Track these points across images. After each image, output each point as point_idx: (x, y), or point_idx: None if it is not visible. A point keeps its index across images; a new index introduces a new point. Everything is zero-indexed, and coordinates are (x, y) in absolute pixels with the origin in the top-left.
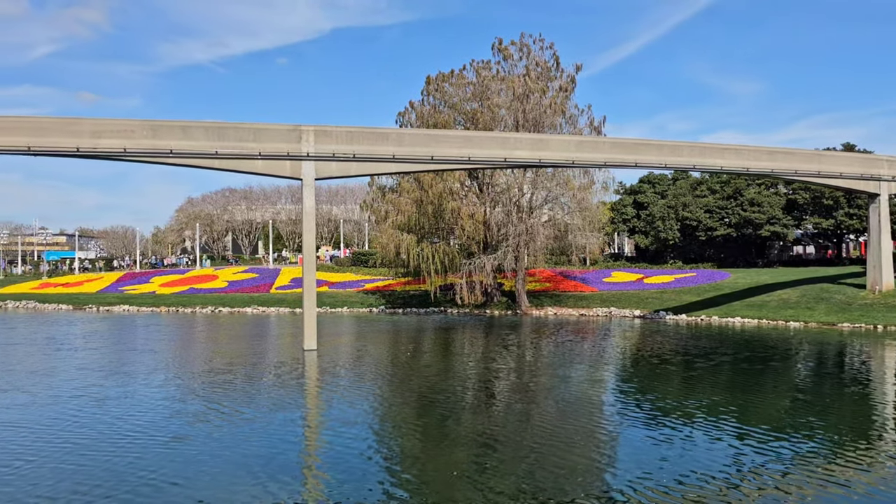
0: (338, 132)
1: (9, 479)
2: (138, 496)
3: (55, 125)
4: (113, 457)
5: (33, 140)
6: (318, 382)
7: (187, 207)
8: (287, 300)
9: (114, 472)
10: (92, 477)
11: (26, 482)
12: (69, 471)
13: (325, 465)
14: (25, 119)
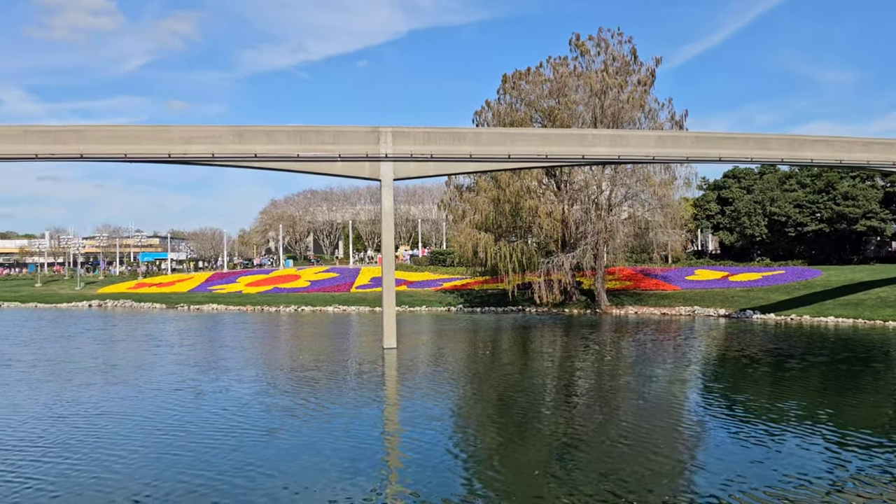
0: (415, 133)
1: (118, 467)
2: (235, 487)
3: (148, 133)
4: (211, 448)
5: (129, 148)
6: (399, 380)
7: (271, 209)
8: (367, 299)
9: (212, 462)
10: (193, 466)
11: (135, 469)
12: (173, 460)
13: (406, 461)
14: (122, 128)
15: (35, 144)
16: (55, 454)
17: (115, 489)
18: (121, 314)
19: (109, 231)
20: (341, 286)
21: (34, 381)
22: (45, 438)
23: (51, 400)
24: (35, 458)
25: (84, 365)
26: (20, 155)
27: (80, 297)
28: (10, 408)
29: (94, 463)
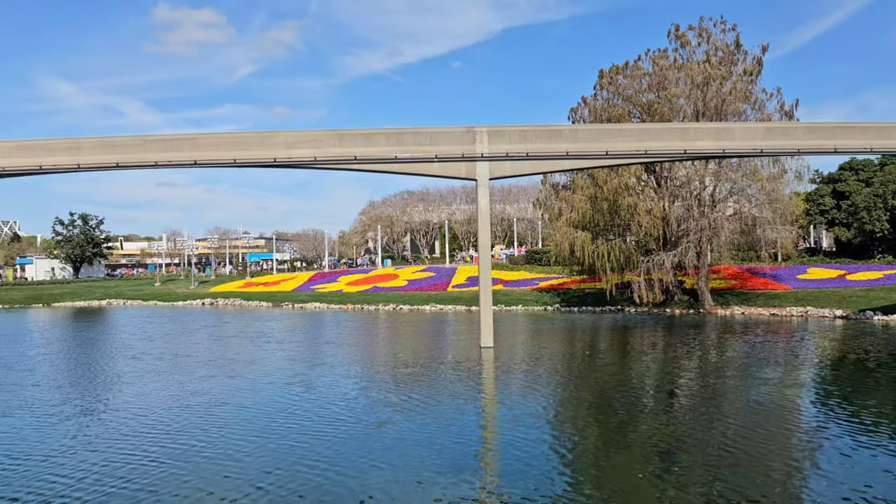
0: (511, 132)
1: (240, 455)
2: (348, 478)
3: (255, 139)
4: (324, 439)
5: (238, 153)
6: (496, 379)
7: (369, 210)
8: (463, 298)
9: (325, 453)
10: (308, 456)
11: (255, 457)
12: (289, 449)
13: (506, 460)
14: (231, 135)
15: (154, 153)
16: (183, 441)
17: (239, 475)
18: (231, 312)
19: (219, 233)
20: (438, 285)
21: (161, 373)
22: (173, 426)
23: (177, 391)
24: (165, 444)
25: (203, 359)
26: (142, 163)
27: (194, 296)
28: (142, 397)
29: (218, 450)
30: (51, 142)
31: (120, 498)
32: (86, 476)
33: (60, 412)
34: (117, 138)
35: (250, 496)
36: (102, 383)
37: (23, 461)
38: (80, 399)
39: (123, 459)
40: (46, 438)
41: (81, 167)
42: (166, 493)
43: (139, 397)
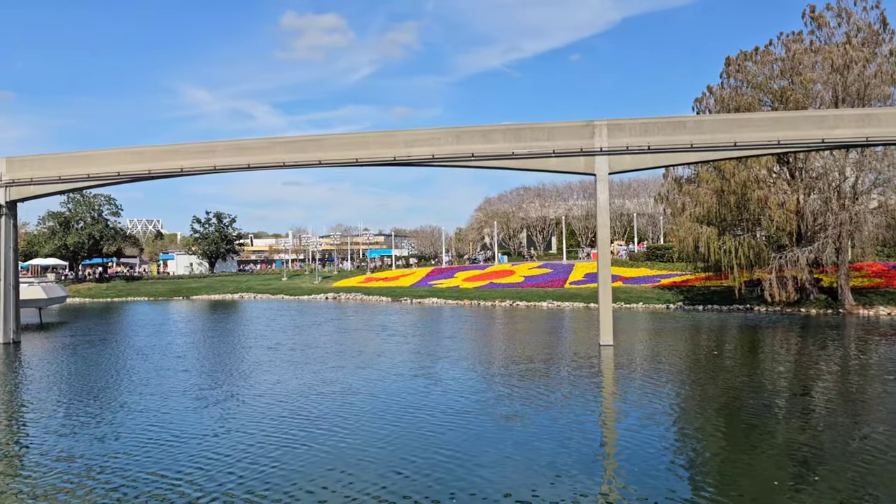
0: (631, 125)
1: (378, 442)
2: (481, 466)
3: (376, 138)
4: (454, 429)
5: (360, 153)
6: (616, 377)
7: (485, 207)
8: (581, 295)
9: (456, 442)
10: (441, 445)
11: (393, 445)
12: (423, 438)
13: (627, 460)
14: (353, 135)
15: (282, 154)
16: (325, 427)
17: (380, 461)
18: (352, 306)
19: (341, 230)
20: (555, 282)
21: (296, 363)
22: (314, 412)
23: (312, 379)
24: (309, 429)
25: (333, 350)
26: (270, 163)
27: (318, 291)
28: (280, 384)
29: (358, 437)
30: (189, 146)
31: (277, 478)
32: (243, 456)
33: (211, 396)
34: (248, 141)
35: (395, 482)
36: (244, 370)
37: (184, 440)
38: (226, 384)
39: (273, 442)
40: (202, 420)
41: (217, 169)
42: (317, 475)
43: (278, 384)
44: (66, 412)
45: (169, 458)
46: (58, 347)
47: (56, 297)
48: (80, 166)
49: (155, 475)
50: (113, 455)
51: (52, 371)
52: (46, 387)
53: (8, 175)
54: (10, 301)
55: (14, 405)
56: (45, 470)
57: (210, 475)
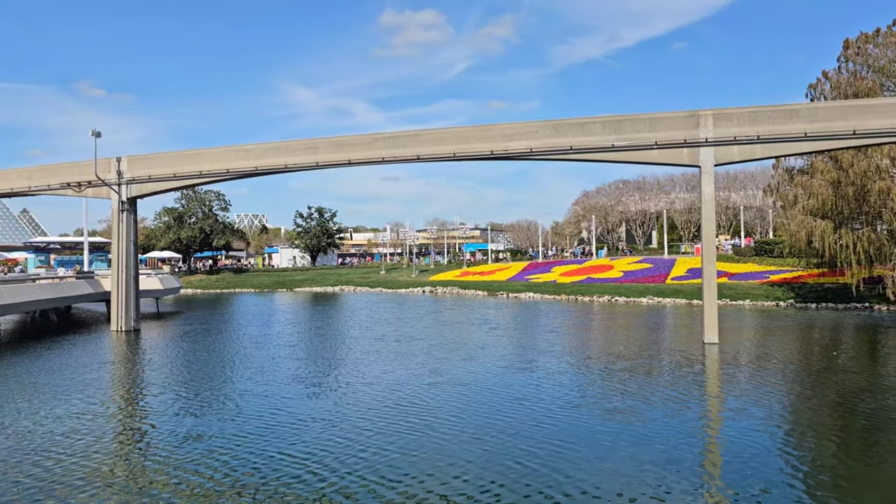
0: (739, 114)
1: (495, 432)
2: (598, 459)
3: (473, 133)
4: (567, 423)
5: (457, 147)
6: (720, 377)
7: (583, 200)
8: (683, 291)
9: (567, 437)
10: (555, 436)
11: (511, 435)
12: (538, 430)
13: (732, 462)
14: (450, 130)
15: (381, 150)
16: (440, 417)
17: (499, 450)
18: (449, 300)
19: (438, 224)
20: (655, 277)
21: (402, 353)
22: (428, 402)
23: (419, 370)
24: (426, 418)
25: (437, 342)
26: (371, 159)
27: (415, 284)
28: (390, 373)
29: (473, 427)
30: (293, 143)
31: (403, 463)
32: (366, 440)
33: (325, 383)
34: (349, 137)
35: (516, 471)
36: (353, 360)
37: (307, 424)
38: (338, 373)
39: (393, 429)
40: (320, 405)
41: (319, 165)
42: (440, 462)
43: (388, 373)
44: (188, 395)
45: (295, 440)
46: (175, 335)
47: (171, 287)
48: (192, 164)
49: (284, 455)
50: (241, 435)
51: (171, 357)
52: (168, 371)
53: (129, 173)
54: (132, 291)
55: (140, 388)
56: (176, 448)
57: (337, 457)
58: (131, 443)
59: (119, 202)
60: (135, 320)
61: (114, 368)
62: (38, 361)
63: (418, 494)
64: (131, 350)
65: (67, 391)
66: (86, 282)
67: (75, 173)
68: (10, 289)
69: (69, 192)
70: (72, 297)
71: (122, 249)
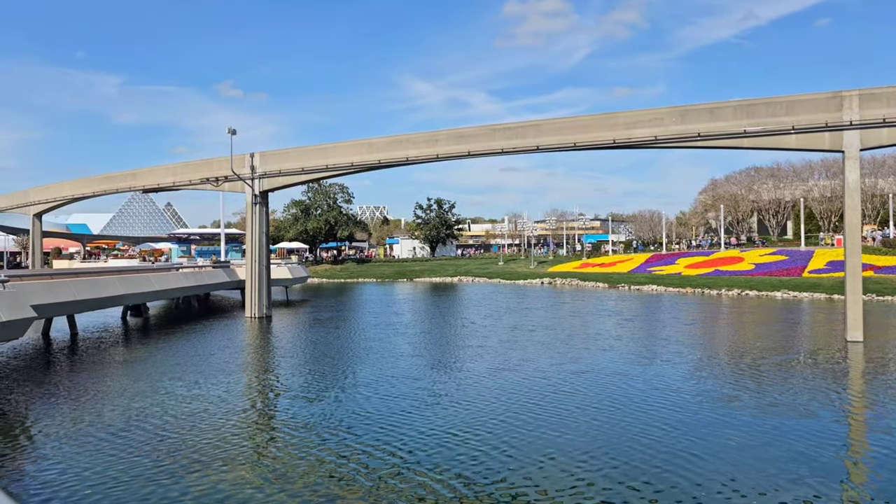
0: (889, 93)
1: (637, 418)
2: (721, 459)
3: (595, 121)
4: (712, 418)
5: (578, 137)
6: (865, 378)
7: (710, 189)
8: (822, 285)
9: (713, 431)
10: (702, 426)
11: (672, 427)
12: (679, 418)
13: (872, 473)
14: (571, 119)
15: (501, 140)
16: (586, 405)
17: (664, 442)
18: (569, 291)
19: (557, 215)
20: (791, 270)
21: (541, 343)
22: (578, 389)
23: (561, 359)
24: (573, 408)
25: (571, 332)
26: (489, 150)
27: (533, 276)
28: (529, 362)
29: (627, 413)
30: (414, 136)
31: (571, 447)
32: (538, 425)
33: (477, 368)
34: (468, 129)
35: (685, 463)
36: (494, 348)
37: (470, 406)
38: (489, 359)
39: (553, 411)
40: (482, 390)
41: (439, 157)
42: (610, 450)
43: (528, 362)
44: (317, 379)
45: (460, 421)
46: (304, 322)
47: (299, 277)
48: (319, 158)
49: (450, 434)
50: (376, 419)
51: (301, 342)
52: (298, 356)
53: (261, 168)
54: (264, 280)
55: (272, 371)
56: (305, 431)
57: (512, 429)
58: (263, 424)
59: (252, 195)
60: (267, 307)
61: (248, 352)
62: (183, 344)
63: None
64: (264, 335)
65: (207, 372)
66: (223, 271)
67: (213, 169)
68: (158, 277)
69: (208, 186)
70: (210, 284)
71: (256, 240)
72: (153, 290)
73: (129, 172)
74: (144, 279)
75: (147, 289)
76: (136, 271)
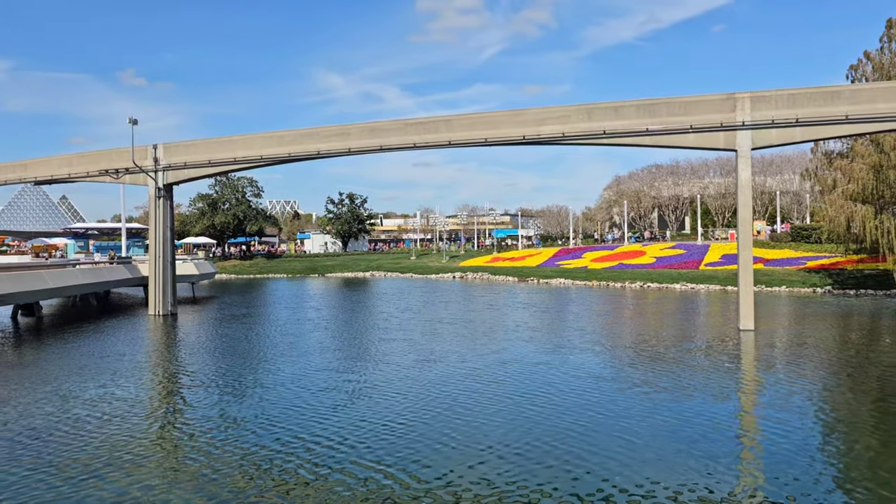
0: (777, 96)
1: (566, 403)
2: (619, 450)
3: (505, 118)
4: (606, 403)
5: (489, 132)
6: (756, 365)
7: (614, 185)
8: (717, 277)
9: (605, 414)
10: (603, 416)
11: (557, 410)
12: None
13: (764, 452)
14: (482, 115)
15: (413, 135)
16: (517, 393)
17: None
18: (480, 285)
19: (468, 210)
20: (689, 263)
21: (463, 336)
22: (503, 380)
23: (485, 351)
24: (504, 396)
25: (490, 325)
26: (402, 144)
27: (445, 270)
28: (457, 353)
29: (552, 402)
30: (325, 129)
31: (510, 438)
32: (476, 414)
33: (402, 361)
34: (381, 123)
35: (572, 435)
36: (418, 341)
37: (393, 395)
38: (415, 352)
39: (488, 401)
40: (405, 378)
41: (351, 151)
42: (530, 440)
43: (454, 353)
44: (223, 378)
45: (395, 413)
46: (211, 319)
47: (206, 272)
48: (227, 151)
49: (387, 426)
50: (288, 416)
51: (207, 340)
52: (204, 354)
53: (165, 160)
54: (168, 276)
55: (176, 370)
56: (210, 430)
57: (436, 413)
58: (168, 424)
59: (156, 188)
60: (172, 304)
61: (151, 352)
62: (79, 344)
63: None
64: (168, 334)
65: (105, 374)
66: (124, 267)
67: (113, 160)
68: (52, 274)
69: (107, 178)
70: (111, 281)
71: (159, 235)
72: (47, 288)
73: (18, 163)
74: (37, 276)
75: (40, 286)
76: (28, 268)
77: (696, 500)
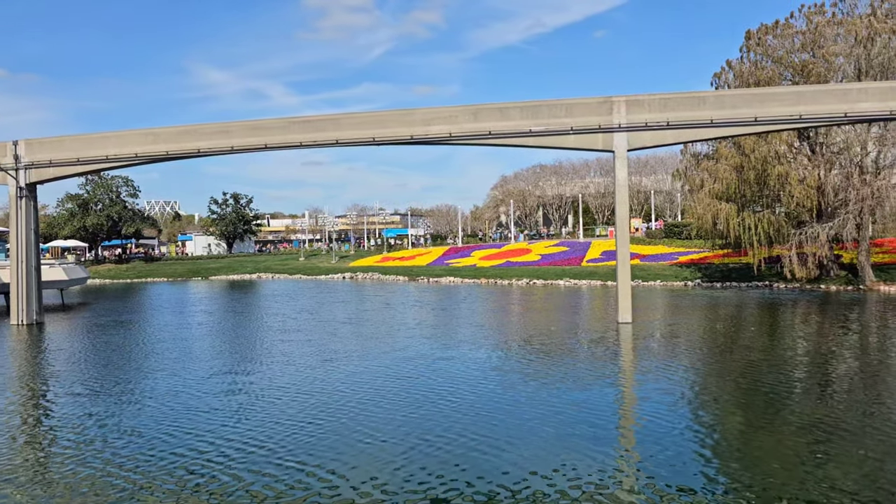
0: (650, 100)
1: (441, 400)
2: (506, 441)
3: (393, 117)
4: (488, 397)
5: (377, 132)
6: (635, 355)
7: (501, 185)
8: (598, 273)
9: (484, 410)
10: (481, 410)
11: (465, 402)
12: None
13: (642, 436)
14: (371, 114)
15: (299, 134)
16: (427, 389)
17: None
18: (370, 285)
19: (358, 210)
20: (572, 260)
21: (364, 336)
22: (413, 375)
23: (388, 348)
24: (416, 393)
25: (389, 324)
26: (287, 143)
27: (335, 270)
28: (361, 352)
29: (460, 396)
30: (206, 126)
31: (434, 433)
32: (392, 411)
33: (307, 362)
34: (264, 121)
35: (444, 437)
36: (320, 341)
37: (302, 395)
38: (319, 352)
39: (399, 397)
40: (313, 378)
41: (234, 149)
42: (451, 434)
43: (358, 352)
44: (95, 391)
45: (309, 414)
46: (82, 327)
47: (77, 278)
48: (98, 148)
49: (304, 424)
50: (176, 428)
51: (77, 350)
52: (74, 366)
53: (27, 157)
54: (33, 282)
55: (42, 384)
56: (83, 445)
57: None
58: (35, 440)
59: (17, 188)
60: (37, 313)
61: (14, 364)
62: None
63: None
64: (33, 344)
65: None
66: None
67: None
68: None
69: None
70: None
71: (22, 238)
72: None
73: None
74: None
75: None
76: None
77: (576, 476)
